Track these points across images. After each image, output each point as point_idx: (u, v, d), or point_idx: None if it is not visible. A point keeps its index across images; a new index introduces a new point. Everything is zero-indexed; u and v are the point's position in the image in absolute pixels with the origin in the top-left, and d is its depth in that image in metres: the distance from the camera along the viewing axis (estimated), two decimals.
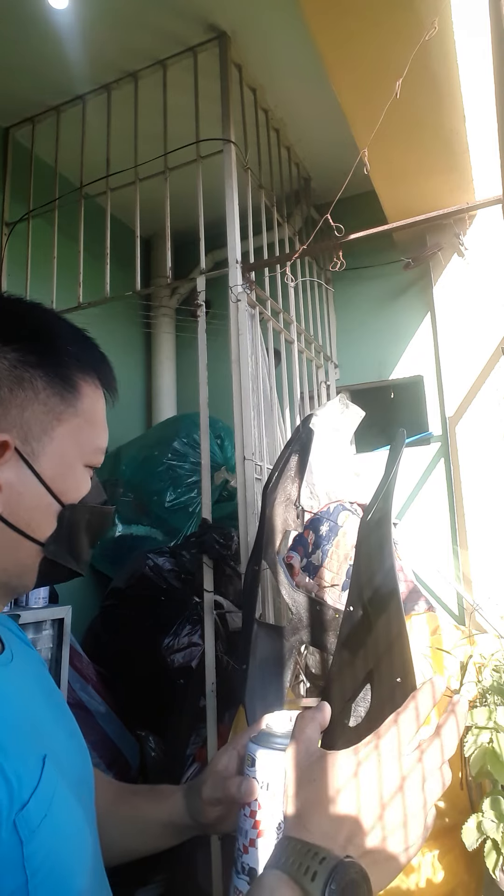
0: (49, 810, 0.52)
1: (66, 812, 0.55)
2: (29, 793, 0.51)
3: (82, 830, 0.57)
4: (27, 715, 0.59)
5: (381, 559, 1.22)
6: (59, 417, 0.60)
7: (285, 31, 1.96)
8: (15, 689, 0.61)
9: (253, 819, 0.59)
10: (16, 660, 0.64)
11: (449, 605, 2.26)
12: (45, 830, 0.51)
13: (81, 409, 0.62)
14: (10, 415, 0.57)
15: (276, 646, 1.40)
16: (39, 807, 0.51)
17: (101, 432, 0.65)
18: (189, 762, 1.88)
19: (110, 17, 1.93)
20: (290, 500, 1.61)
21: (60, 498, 0.60)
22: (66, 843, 0.53)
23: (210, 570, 1.80)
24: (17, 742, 0.53)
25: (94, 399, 0.63)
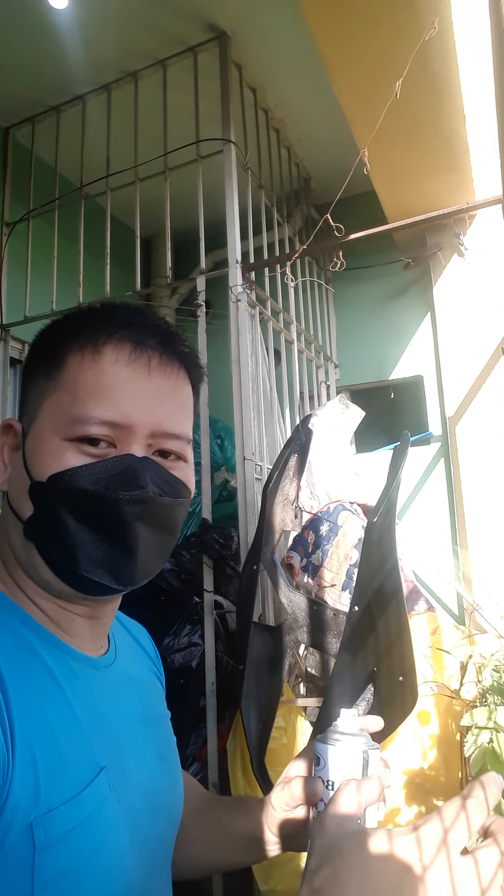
0: (81, 824, 0.48)
1: (103, 833, 0.50)
2: (61, 800, 0.47)
3: (120, 858, 0.52)
4: (101, 723, 0.55)
5: (386, 557, 1.22)
6: (42, 395, 0.57)
7: (285, 31, 1.96)
8: (98, 694, 0.57)
9: None
10: (118, 665, 0.61)
11: (449, 605, 2.26)
12: (69, 844, 0.47)
13: (62, 382, 0.56)
14: (23, 406, 0.61)
15: (272, 647, 1.40)
16: (69, 817, 0.47)
17: (84, 400, 0.54)
18: (189, 762, 1.87)
19: (110, 17, 1.92)
20: (288, 500, 1.61)
21: (31, 472, 0.55)
22: (92, 865, 0.49)
23: (210, 570, 1.80)
24: (69, 746, 0.50)
25: (79, 368, 0.56)
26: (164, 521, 0.58)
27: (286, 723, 1.40)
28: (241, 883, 1.65)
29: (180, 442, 0.59)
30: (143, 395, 0.56)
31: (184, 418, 0.60)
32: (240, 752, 1.42)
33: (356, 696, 1.21)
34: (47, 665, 0.54)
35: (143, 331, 0.58)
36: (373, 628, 1.21)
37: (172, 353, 0.59)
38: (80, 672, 0.56)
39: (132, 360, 0.56)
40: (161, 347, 0.58)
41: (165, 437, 0.57)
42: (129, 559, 0.55)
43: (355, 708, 0.63)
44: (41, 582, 0.56)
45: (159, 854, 0.60)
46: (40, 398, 0.57)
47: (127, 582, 0.55)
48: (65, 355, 0.57)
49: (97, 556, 0.54)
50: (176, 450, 0.58)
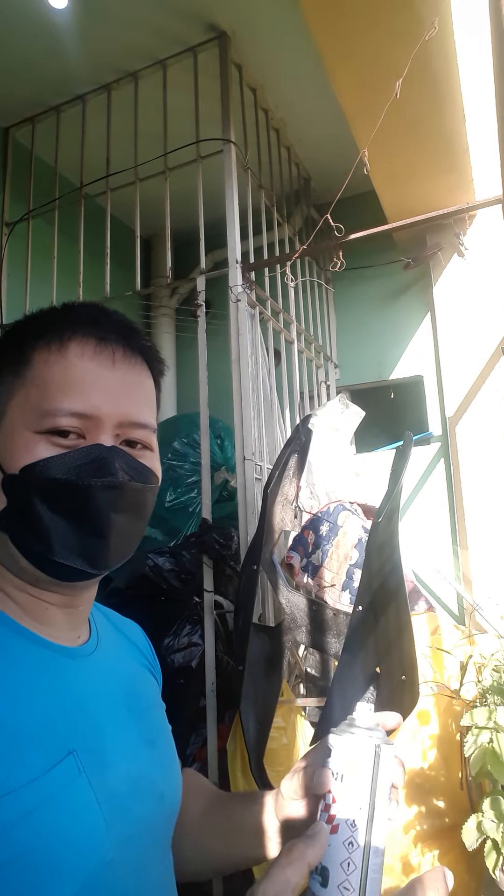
0: (42, 805, 0.48)
1: (71, 812, 0.51)
2: (19, 784, 0.48)
3: (92, 835, 0.53)
4: (75, 709, 0.56)
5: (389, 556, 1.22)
6: (11, 391, 0.58)
7: (285, 31, 1.96)
8: (72, 681, 0.58)
9: (327, 814, 0.54)
10: (100, 651, 0.62)
11: (449, 605, 2.26)
12: (31, 824, 0.47)
13: (29, 377, 0.58)
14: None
15: (271, 647, 1.40)
16: (28, 799, 0.48)
17: (53, 393, 0.56)
18: (189, 762, 1.87)
19: (110, 17, 1.92)
20: (288, 500, 1.61)
21: (3, 465, 0.56)
22: (58, 843, 0.49)
23: (210, 570, 1.80)
24: (27, 732, 0.51)
25: (46, 364, 0.58)
26: (135, 506, 0.60)
27: (286, 723, 1.40)
28: (241, 883, 1.65)
29: (146, 431, 0.61)
30: (109, 387, 0.58)
31: (148, 409, 0.63)
32: (240, 752, 1.42)
33: (359, 696, 1.21)
34: (8, 656, 0.55)
35: (105, 326, 0.60)
36: (376, 627, 1.21)
37: (135, 348, 0.62)
38: (50, 661, 0.57)
39: (97, 354, 0.58)
40: (124, 342, 0.60)
41: (132, 427, 0.60)
42: (103, 544, 0.57)
43: (371, 703, 0.62)
44: (17, 571, 0.58)
45: (146, 836, 0.60)
46: (8, 395, 0.58)
47: (101, 566, 0.58)
48: (30, 352, 0.58)
49: (72, 542, 0.56)
50: (142, 439, 0.61)
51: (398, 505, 1.28)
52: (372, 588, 1.23)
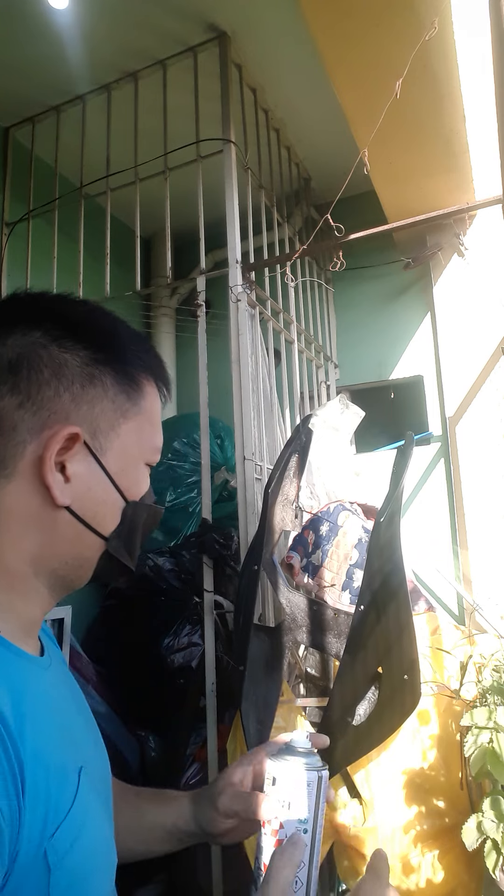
0: (80, 832, 0.50)
1: (96, 831, 0.53)
2: (62, 816, 0.49)
3: (109, 848, 0.56)
4: (64, 723, 0.57)
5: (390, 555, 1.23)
6: (125, 415, 0.61)
7: (285, 31, 1.96)
8: (56, 694, 0.60)
9: (275, 838, 0.59)
10: (53, 664, 0.63)
11: (449, 605, 2.26)
12: (75, 855, 0.49)
13: (144, 408, 0.63)
14: (81, 410, 0.58)
15: (271, 648, 1.40)
16: (71, 830, 0.49)
17: (159, 431, 0.66)
18: (189, 762, 1.88)
19: (110, 17, 1.92)
20: (289, 501, 1.61)
21: (125, 494, 0.61)
22: (93, 865, 0.52)
23: (210, 570, 1.80)
24: (58, 756, 0.51)
25: (153, 398, 0.65)
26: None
27: (286, 722, 1.40)
28: (241, 883, 1.65)
29: None
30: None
31: None
32: (240, 752, 1.42)
33: (360, 696, 1.21)
34: (28, 682, 0.55)
35: (165, 370, 0.69)
36: (377, 627, 1.21)
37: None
38: (38, 677, 0.58)
39: (159, 395, 0.68)
40: (168, 381, 0.70)
41: None
42: (140, 549, 0.68)
43: (306, 731, 0.67)
44: (68, 583, 0.62)
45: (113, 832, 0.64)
46: (121, 417, 0.61)
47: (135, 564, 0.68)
48: (141, 381, 0.64)
49: (137, 553, 0.67)
50: None
51: (400, 505, 1.28)
52: (373, 588, 1.23)
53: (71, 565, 0.60)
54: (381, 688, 1.20)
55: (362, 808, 1.27)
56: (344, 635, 1.28)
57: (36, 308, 0.62)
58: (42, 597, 0.60)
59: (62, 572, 0.60)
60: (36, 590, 0.59)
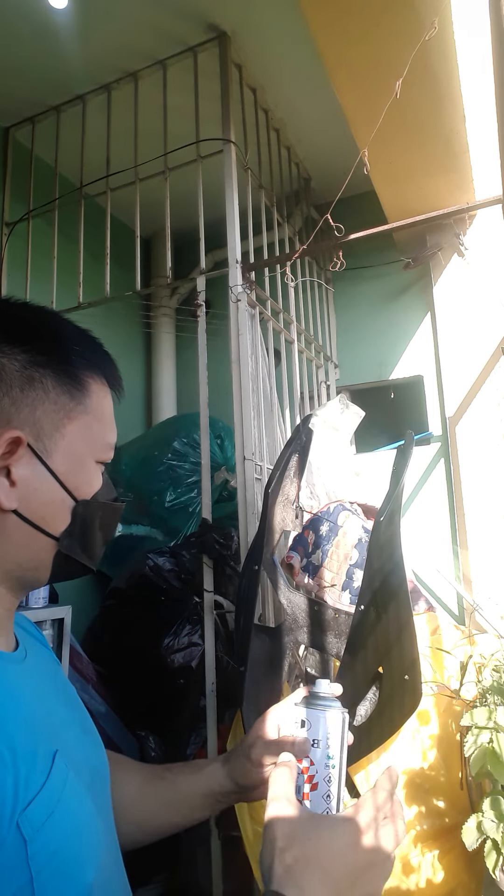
0: (56, 808, 0.53)
1: (75, 807, 0.56)
2: (34, 792, 0.51)
3: (93, 824, 0.59)
4: (40, 711, 0.59)
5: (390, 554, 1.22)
6: (69, 415, 0.62)
7: (285, 31, 1.96)
8: (28, 685, 0.61)
9: (305, 775, 0.66)
10: (29, 657, 0.65)
11: (449, 605, 2.26)
12: (51, 828, 0.52)
13: (90, 407, 0.64)
14: (22, 413, 0.59)
15: (271, 648, 1.40)
16: (45, 805, 0.52)
17: (109, 428, 0.67)
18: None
19: (110, 17, 1.92)
20: (289, 501, 1.61)
21: (74, 493, 0.62)
22: (74, 839, 0.55)
23: (210, 570, 1.80)
24: (26, 739, 0.54)
25: (101, 396, 0.65)
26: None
27: None
28: (240, 883, 1.65)
29: None
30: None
31: None
32: None
33: (360, 696, 1.21)
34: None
35: (112, 364, 0.69)
36: (377, 627, 1.21)
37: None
38: (9, 669, 0.60)
39: (109, 392, 0.68)
40: (118, 377, 0.70)
41: None
42: (104, 546, 0.70)
43: (327, 679, 0.73)
44: (26, 584, 0.64)
45: (106, 815, 0.67)
46: (65, 417, 0.62)
47: (96, 564, 0.69)
48: (85, 380, 0.64)
49: (99, 552, 0.68)
50: None
51: (400, 505, 1.28)
52: (373, 587, 1.23)
53: (25, 567, 0.62)
54: (381, 688, 1.20)
55: None
56: (344, 635, 1.28)
57: None
58: (2, 597, 0.62)
59: (18, 573, 0.62)
60: None
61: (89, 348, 0.66)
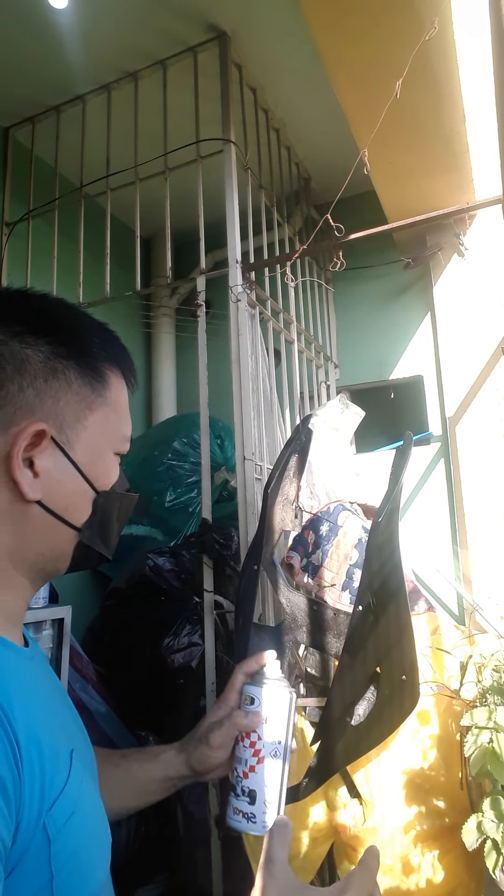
0: (76, 808, 0.53)
1: (90, 807, 0.56)
2: (58, 792, 0.52)
3: (104, 822, 0.59)
4: (53, 709, 0.60)
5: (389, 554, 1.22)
6: (90, 407, 0.63)
7: (285, 31, 1.96)
8: (42, 683, 0.62)
9: (253, 748, 0.71)
10: (36, 657, 0.65)
11: (449, 605, 2.26)
12: (71, 828, 0.52)
13: (110, 399, 0.65)
14: (46, 405, 0.59)
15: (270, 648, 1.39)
16: (67, 805, 0.52)
17: (126, 420, 0.68)
18: None
19: (110, 17, 1.92)
20: (289, 501, 1.61)
21: (94, 485, 0.63)
22: (90, 839, 0.55)
23: (210, 570, 1.80)
24: (49, 739, 0.54)
25: (119, 388, 0.67)
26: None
27: None
28: (241, 882, 1.65)
29: None
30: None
31: None
32: None
33: (359, 695, 1.21)
34: (14, 668, 0.57)
35: (128, 356, 0.70)
36: (376, 627, 1.21)
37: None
38: (25, 666, 0.60)
39: (125, 385, 0.70)
40: (133, 369, 0.71)
41: None
42: (119, 536, 0.70)
43: (278, 658, 0.80)
44: (46, 574, 0.64)
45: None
46: (86, 408, 0.63)
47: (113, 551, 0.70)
48: (105, 372, 0.65)
49: (115, 542, 0.69)
50: None
51: (398, 505, 1.28)
52: (372, 588, 1.23)
53: (47, 557, 0.62)
54: (380, 688, 1.20)
55: (362, 808, 1.27)
56: (344, 635, 1.28)
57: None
58: (23, 588, 0.62)
59: (40, 564, 0.62)
60: (16, 582, 0.61)
61: (108, 341, 0.68)
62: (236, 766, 0.73)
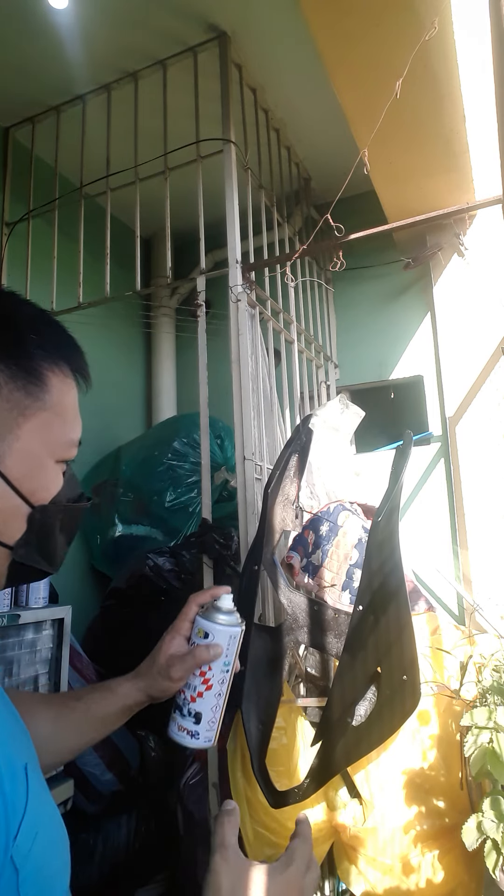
0: (39, 828, 0.51)
1: (48, 821, 0.54)
2: (20, 816, 0.49)
3: (62, 829, 0.57)
4: (3, 722, 0.56)
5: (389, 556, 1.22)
6: (24, 413, 0.56)
7: (285, 31, 1.96)
8: None
9: (203, 677, 0.77)
10: None
11: (449, 605, 2.26)
12: (36, 850, 0.50)
13: (50, 402, 0.58)
14: None
15: (272, 648, 1.40)
16: (30, 829, 0.50)
17: (72, 424, 0.61)
18: (189, 762, 1.87)
19: (110, 17, 1.92)
20: (289, 501, 1.61)
21: (30, 499, 0.57)
22: (54, 856, 0.54)
23: (210, 570, 1.80)
24: (4, 757, 0.51)
25: (63, 390, 0.59)
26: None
27: (286, 723, 1.40)
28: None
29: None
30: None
31: None
32: (240, 752, 1.42)
33: (359, 696, 1.21)
34: None
35: (78, 353, 0.63)
36: (376, 627, 1.21)
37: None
38: None
39: (75, 382, 0.63)
40: (84, 367, 0.65)
41: None
42: (68, 548, 0.66)
43: (228, 590, 0.82)
44: None
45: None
46: (17, 416, 0.56)
47: (58, 568, 0.66)
48: (44, 373, 0.58)
49: (61, 554, 0.64)
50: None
51: (398, 504, 1.28)
52: (372, 587, 1.23)
53: None
54: (380, 688, 1.20)
55: (362, 808, 1.27)
56: (344, 635, 1.28)
57: None
58: None
59: None
60: None
61: (50, 335, 0.60)
62: (185, 689, 0.79)
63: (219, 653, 0.76)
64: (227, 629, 0.76)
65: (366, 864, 1.25)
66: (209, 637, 0.76)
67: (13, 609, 1.60)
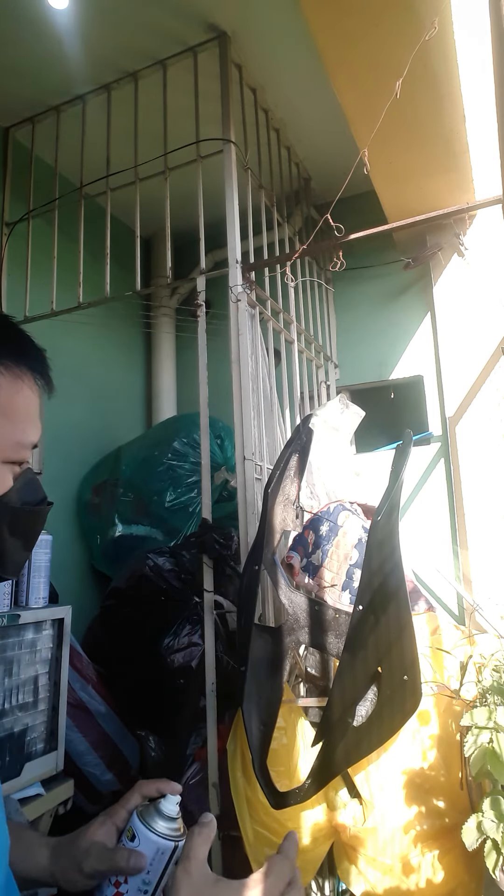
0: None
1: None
2: None
3: (2, 815, 0.57)
4: None
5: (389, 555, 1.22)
6: None
7: (285, 31, 1.96)
8: None
9: (115, 889, 0.63)
10: None
11: (449, 605, 2.26)
12: None
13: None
14: None
15: (272, 648, 1.39)
16: None
17: (25, 424, 0.58)
18: (189, 762, 1.88)
19: (110, 17, 1.92)
20: (289, 501, 1.61)
21: None
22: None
23: (210, 570, 1.80)
24: None
25: (11, 390, 0.57)
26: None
27: (286, 723, 1.40)
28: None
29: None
30: (39, 416, 0.62)
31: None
32: (240, 752, 1.42)
33: (360, 696, 1.21)
34: None
35: (37, 354, 0.61)
36: (376, 627, 1.21)
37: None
38: None
39: (33, 383, 0.60)
40: (43, 368, 0.62)
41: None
42: (28, 554, 0.62)
43: (178, 797, 0.67)
44: None
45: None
46: None
47: (17, 574, 0.62)
48: None
49: (17, 558, 0.61)
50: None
51: (398, 503, 1.28)
52: (372, 587, 1.23)
53: None
54: (381, 688, 1.20)
55: (362, 808, 1.27)
56: (345, 635, 1.28)
57: None
58: None
59: None
60: None
61: (3, 337, 0.59)
62: (97, 893, 0.65)
63: (140, 866, 0.61)
64: (157, 840, 0.62)
65: (366, 864, 1.25)
66: (135, 841, 0.63)
67: (13, 609, 1.59)
